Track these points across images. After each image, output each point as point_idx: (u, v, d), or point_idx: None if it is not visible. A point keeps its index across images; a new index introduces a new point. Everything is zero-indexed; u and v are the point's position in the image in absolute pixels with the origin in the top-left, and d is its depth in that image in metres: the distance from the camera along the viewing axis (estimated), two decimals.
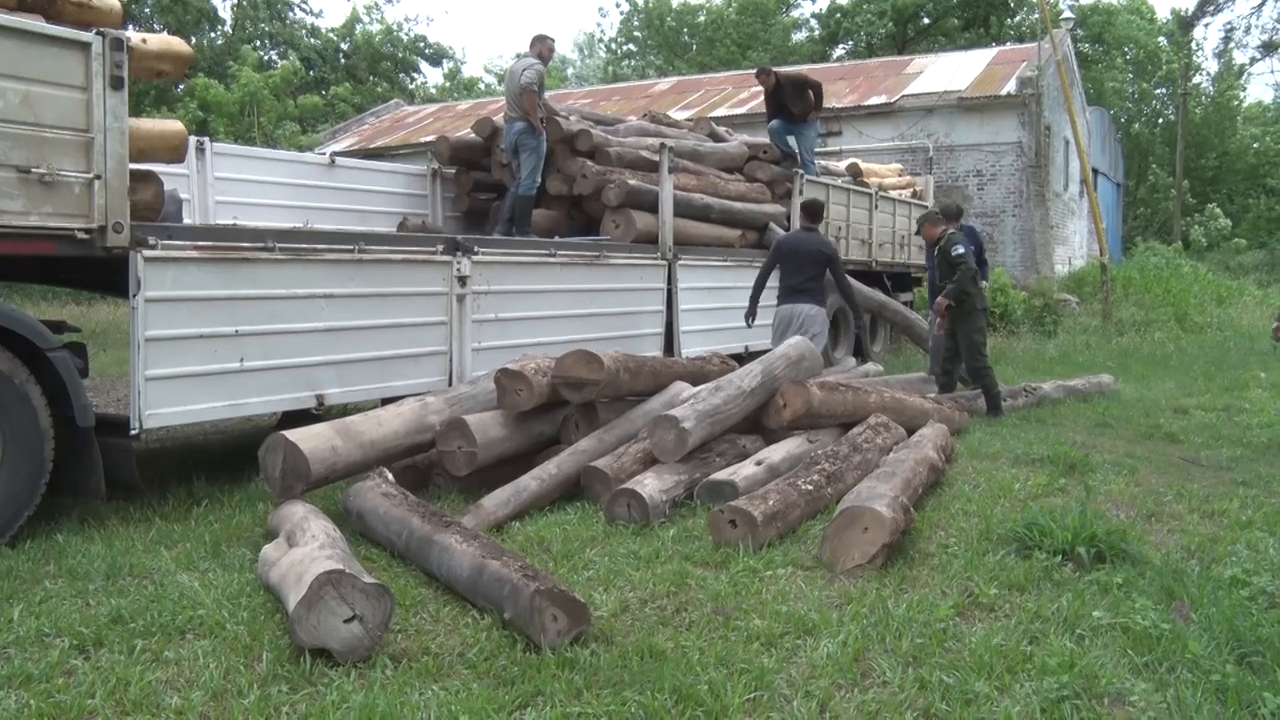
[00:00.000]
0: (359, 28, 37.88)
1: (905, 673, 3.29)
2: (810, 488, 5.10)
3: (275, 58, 33.22)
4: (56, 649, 3.43)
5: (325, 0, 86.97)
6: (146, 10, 29.75)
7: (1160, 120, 44.24)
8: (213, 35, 33.08)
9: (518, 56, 10.30)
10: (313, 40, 35.52)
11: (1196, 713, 3.01)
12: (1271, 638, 3.42)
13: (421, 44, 40.44)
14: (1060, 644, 3.50)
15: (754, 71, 12.62)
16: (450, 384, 6.62)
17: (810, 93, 11.89)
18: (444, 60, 42.69)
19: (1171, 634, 3.50)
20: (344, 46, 37.24)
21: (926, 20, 38.46)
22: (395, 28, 39.41)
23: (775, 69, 12.47)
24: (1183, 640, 3.44)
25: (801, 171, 11.33)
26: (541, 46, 9.67)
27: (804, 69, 17.50)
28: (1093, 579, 4.17)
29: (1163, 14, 47.61)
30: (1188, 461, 7.01)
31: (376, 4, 40.64)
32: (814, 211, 8.86)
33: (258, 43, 33.59)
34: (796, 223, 11.01)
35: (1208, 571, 4.28)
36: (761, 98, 13.14)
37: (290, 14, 35.86)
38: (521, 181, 9.27)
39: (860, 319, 10.85)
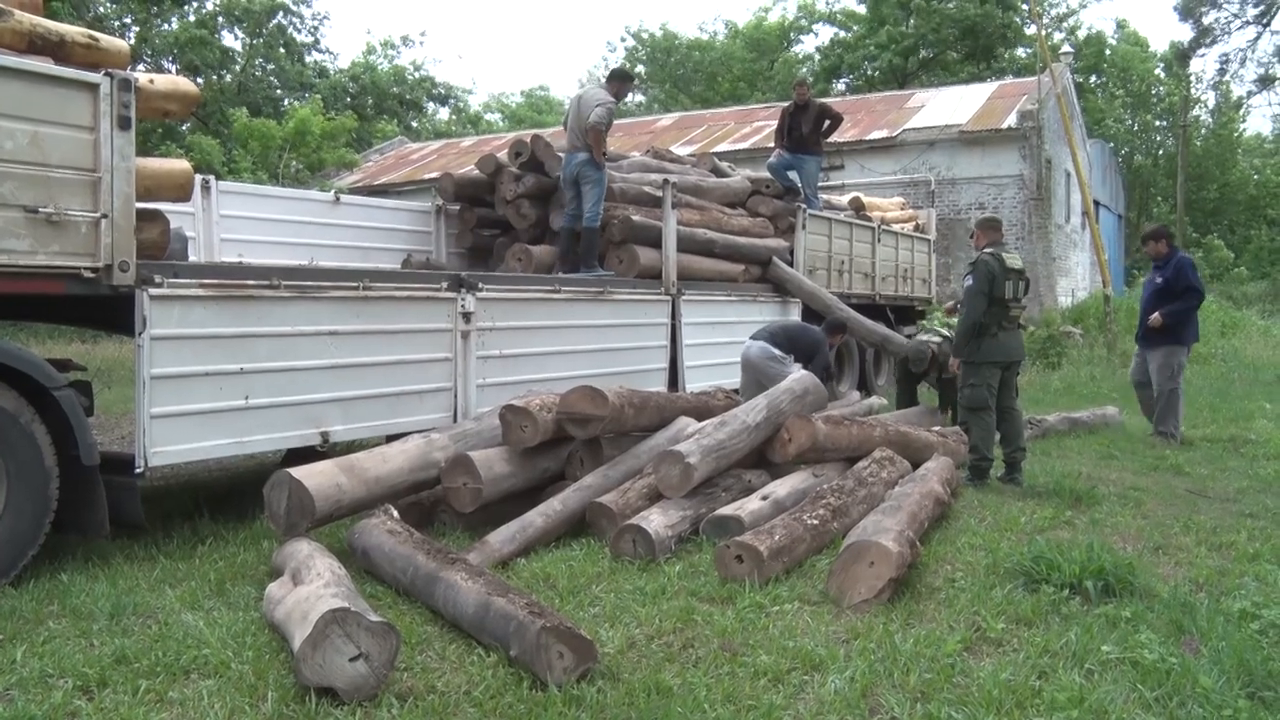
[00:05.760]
0: (368, 73, 38.13)
1: (913, 709, 3.27)
2: (816, 522, 5.08)
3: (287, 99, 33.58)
4: (60, 690, 3.41)
5: (342, 30, 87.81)
6: (156, 46, 29.92)
7: (1161, 152, 44.44)
8: (223, 76, 33.31)
9: (582, 84, 10.34)
10: (318, 80, 35.76)
11: None
12: None
13: (428, 84, 40.72)
14: (1069, 679, 3.48)
15: (794, 83, 12.77)
16: (455, 420, 6.62)
17: (828, 123, 12.03)
18: (450, 100, 42.97)
19: (1181, 668, 3.48)
20: (351, 86, 37.47)
21: (925, 53, 38.68)
22: (403, 70, 39.65)
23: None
24: (1193, 674, 3.42)
25: (804, 206, 11.38)
26: (620, 85, 9.69)
27: None
28: (1101, 613, 4.15)
29: (1157, 45, 48.02)
30: (1194, 493, 6.98)
31: (394, 44, 41.06)
32: None
33: (274, 83, 33.89)
34: (800, 257, 11.07)
35: (1217, 605, 4.26)
36: (763, 134, 13.20)
37: (308, 55, 36.18)
38: (585, 213, 9.02)
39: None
